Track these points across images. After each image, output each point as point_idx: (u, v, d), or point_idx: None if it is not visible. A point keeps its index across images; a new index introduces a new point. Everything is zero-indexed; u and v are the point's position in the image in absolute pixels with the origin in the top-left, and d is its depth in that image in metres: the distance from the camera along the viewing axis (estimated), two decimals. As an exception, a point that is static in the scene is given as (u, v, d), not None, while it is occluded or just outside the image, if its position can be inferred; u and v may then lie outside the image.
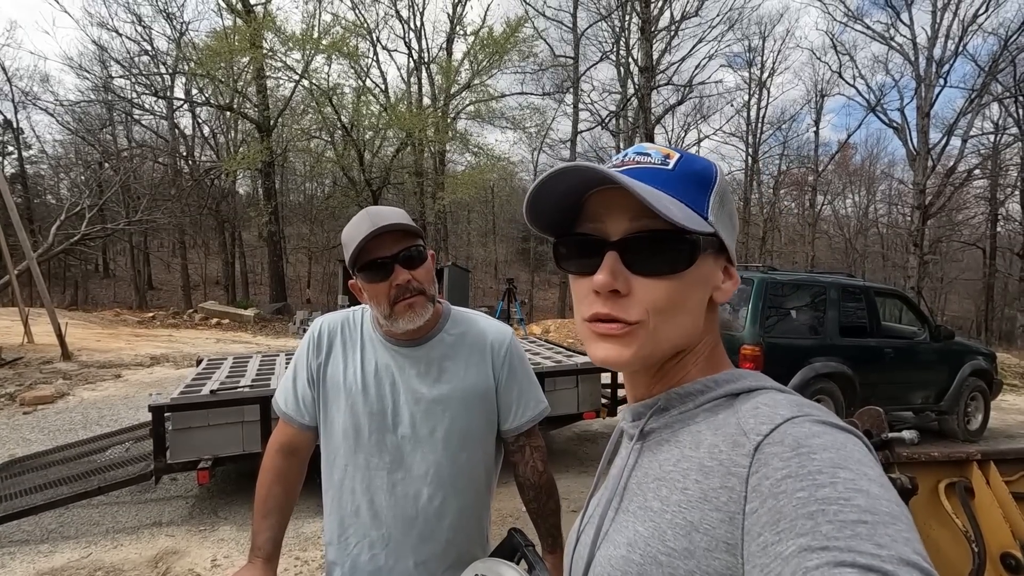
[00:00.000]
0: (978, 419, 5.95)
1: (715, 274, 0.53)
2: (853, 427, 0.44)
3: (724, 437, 0.46)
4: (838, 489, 0.36)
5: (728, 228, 0.53)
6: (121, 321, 14.76)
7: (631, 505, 0.51)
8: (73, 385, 6.96)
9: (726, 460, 0.44)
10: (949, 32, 16.64)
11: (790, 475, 0.38)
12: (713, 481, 0.44)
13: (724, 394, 0.51)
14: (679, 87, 19.24)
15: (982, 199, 23.08)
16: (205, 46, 16.68)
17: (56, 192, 26.29)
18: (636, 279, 0.49)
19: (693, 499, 0.44)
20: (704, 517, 0.43)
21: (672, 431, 0.52)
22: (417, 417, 1.16)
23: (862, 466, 0.39)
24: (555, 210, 0.53)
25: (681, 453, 0.49)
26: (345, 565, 1.18)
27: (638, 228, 0.49)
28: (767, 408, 0.45)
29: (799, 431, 0.42)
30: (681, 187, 0.50)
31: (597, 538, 0.53)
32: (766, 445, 0.42)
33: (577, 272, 0.53)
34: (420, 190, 20.01)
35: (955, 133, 17.50)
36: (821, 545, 0.34)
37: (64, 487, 3.34)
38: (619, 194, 0.49)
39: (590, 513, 0.60)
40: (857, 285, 5.43)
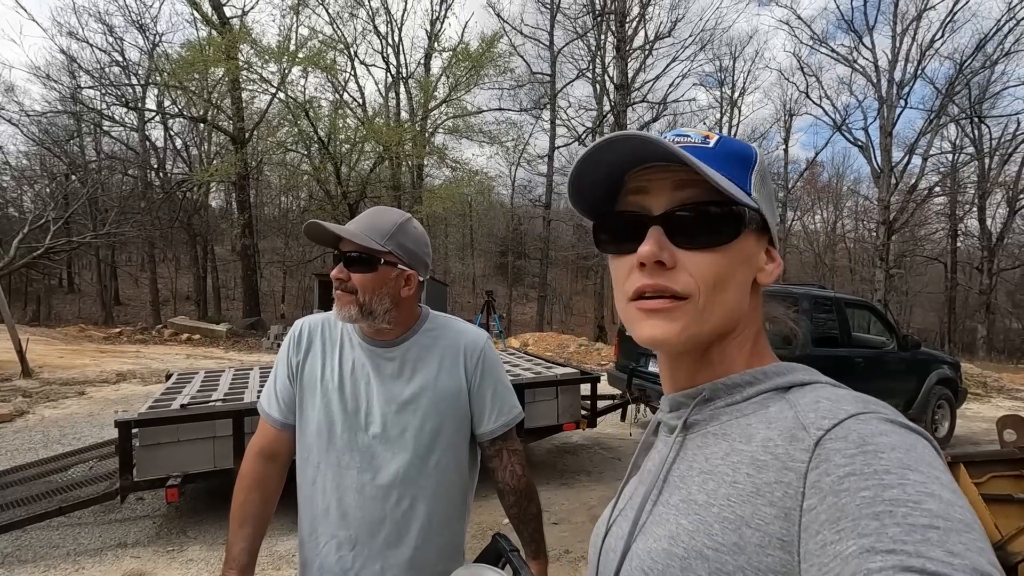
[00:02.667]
0: (945, 426, 6.11)
1: (758, 254, 0.52)
2: (923, 429, 0.42)
3: (780, 431, 0.44)
4: (907, 491, 0.34)
5: (770, 208, 0.52)
6: (86, 337, 14.27)
7: (672, 498, 0.49)
8: (33, 403, 6.67)
9: (782, 454, 0.42)
10: (908, 56, 17.44)
11: (854, 472, 0.37)
12: (767, 475, 0.42)
13: (775, 387, 0.49)
14: (653, 104, 19.68)
15: (943, 215, 24.02)
16: (179, 57, 16.46)
17: (19, 205, 25.43)
18: (681, 252, 0.48)
19: (744, 493, 0.43)
20: (756, 512, 0.41)
21: (719, 423, 0.50)
22: (388, 417, 1.15)
23: (933, 469, 0.37)
24: (597, 190, 0.52)
25: (731, 446, 0.47)
26: (315, 564, 1.16)
27: (682, 200, 0.49)
28: (829, 402, 0.44)
29: (865, 428, 0.40)
30: (723, 163, 0.50)
31: (634, 530, 0.51)
32: (828, 440, 0.40)
33: (618, 252, 0.52)
34: (398, 204, 19.94)
35: (916, 152, 18.26)
36: (887, 548, 0.32)
37: (21, 508, 3.18)
38: (661, 171, 0.49)
39: (622, 505, 0.58)
40: (829, 296, 5.57)
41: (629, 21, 16.43)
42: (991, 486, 2.13)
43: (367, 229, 1.14)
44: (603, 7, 17.26)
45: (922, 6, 16.96)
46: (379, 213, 1.19)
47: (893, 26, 17.61)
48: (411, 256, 1.18)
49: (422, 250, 1.21)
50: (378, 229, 1.15)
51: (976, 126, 20.38)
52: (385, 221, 1.17)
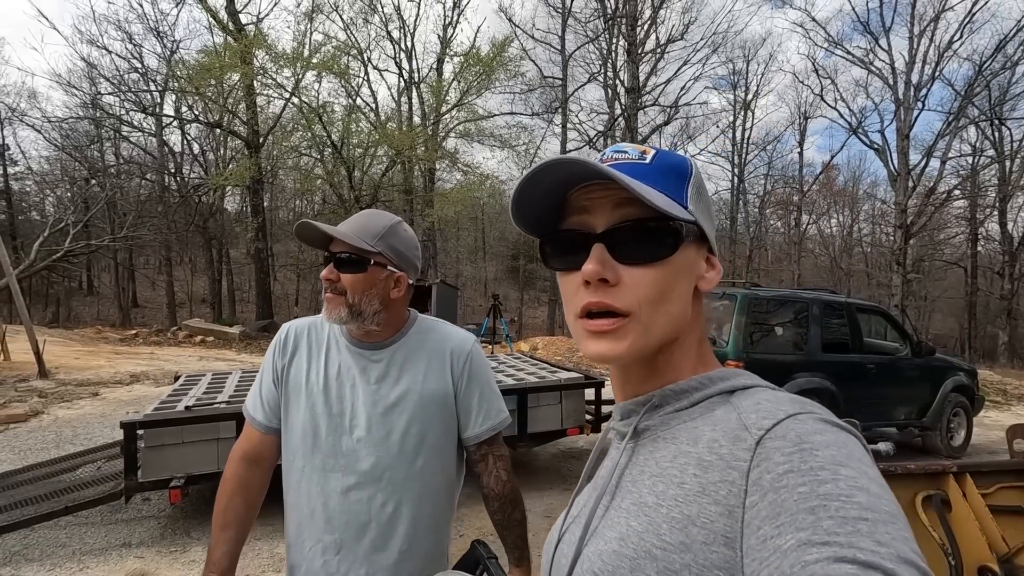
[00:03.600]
0: (961, 435, 5.98)
1: (698, 263, 0.54)
2: (853, 428, 0.44)
3: (724, 432, 0.45)
4: (840, 486, 0.36)
5: (707, 218, 0.54)
6: (102, 339, 14.51)
7: (624, 502, 0.50)
8: (48, 403, 6.79)
9: (726, 454, 0.44)
10: (926, 57, 17.17)
11: (792, 470, 0.38)
12: (712, 475, 0.43)
13: (720, 391, 0.51)
14: (665, 108, 19.58)
15: (962, 219, 23.56)
16: (196, 63, 16.72)
17: (41, 209, 25.99)
18: (624, 268, 0.50)
19: (691, 493, 0.44)
20: (702, 511, 0.42)
21: (668, 428, 0.52)
22: (373, 420, 1.15)
23: (863, 465, 0.39)
24: (539, 209, 0.54)
25: (678, 449, 0.48)
26: (301, 568, 1.16)
27: (622, 217, 0.50)
28: (769, 404, 0.45)
29: (802, 427, 0.42)
30: (660, 179, 0.52)
31: (585, 535, 0.52)
32: (768, 440, 0.42)
33: (564, 268, 0.53)
34: (409, 207, 20.05)
35: (934, 155, 17.94)
36: (822, 540, 0.34)
37: (30, 507, 3.23)
38: (601, 189, 0.51)
39: (575, 512, 0.59)
40: (839, 301, 5.48)
41: (641, 25, 16.39)
42: (999, 497, 2.08)
43: (358, 230, 1.14)
44: (614, 11, 17.24)
45: (940, 7, 16.71)
46: (370, 215, 1.19)
47: (910, 27, 17.35)
48: (401, 258, 1.19)
49: (412, 253, 1.22)
50: (369, 230, 1.15)
51: (996, 128, 19.97)
52: (376, 223, 1.17)
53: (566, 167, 0.49)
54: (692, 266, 0.53)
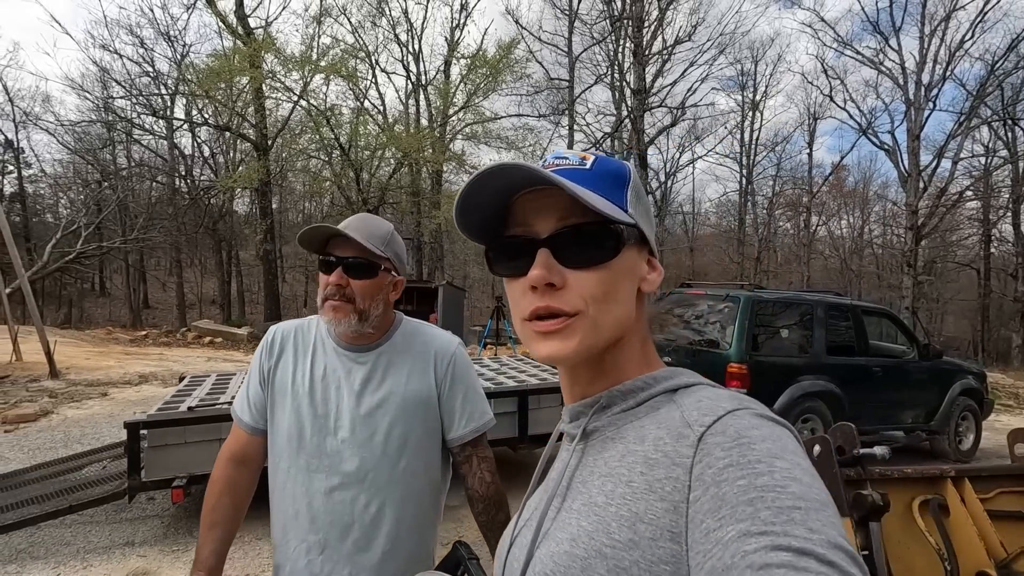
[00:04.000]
0: (970, 439, 5.90)
1: (640, 265, 0.55)
2: (787, 421, 0.46)
3: (668, 430, 0.47)
4: (775, 477, 0.38)
5: (647, 221, 0.55)
6: (113, 339, 14.68)
7: (574, 503, 0.51)
8: (58, 403, 6.88)
9: (671, 451, 0.45)
10: (937, 57, 16.98)
11: (731, 464, 0.40)
12: (658, 472, 0.44)
13: (664, 390, 0.52)
14: (672, 109, 19.50)
15: (975, 220, 23.25)
16: (205, 67, 16.90)
17: (55, 211, 26.39)
18: (569, 272, 0.50)
19: (638, 491, 0.45)
20: (649, 507, 0.43)
21: (616, 428, 0.52)
22: (357, 422, 1.16)
23: (796, 456, 0.41)
24: (484, 217, 0.54)
25: (626, 448, 0.49)
26: (286, 568, 1.17)
27: (565, 223, 0.51)
28: (709, 401, 0.47)
29: (740, 423, 0.43)
30: (600, 183, 0.53)
31: (537, 537, 0.52)
32: (709, 436, 0.43)
33: (511, 274, 0.54)
34: (417, 209, 20.11)
35: (946, 155, 17.73)
36: (760, 530, 0.36)
37: (36, 506, 3.28)
38: (544, 195, 0.51)
39: (527, 516, 0.60)
40: (844, 304, 5.43)
41: (647, 26, 16.36)
42: (998, 502, 2.05)
43: (367, 235, 1.14)
44: (621, 12, 17.22)
45: (951, 6, 16.52)
46: (370, 219, 1.20)
47: (921, 27, 17.18)
48: (401, 263, 1.22)
49: (405, 258, 1.26)
50: (376, 235, 1.16)
51: (1010, 128, 19.68)
52: (380, 228, 1.18)
53: (508, 173, 0.49)
54: (634, 268, 0.54)
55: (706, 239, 32.41)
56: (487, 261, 0.56)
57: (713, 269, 28.76)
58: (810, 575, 0.33)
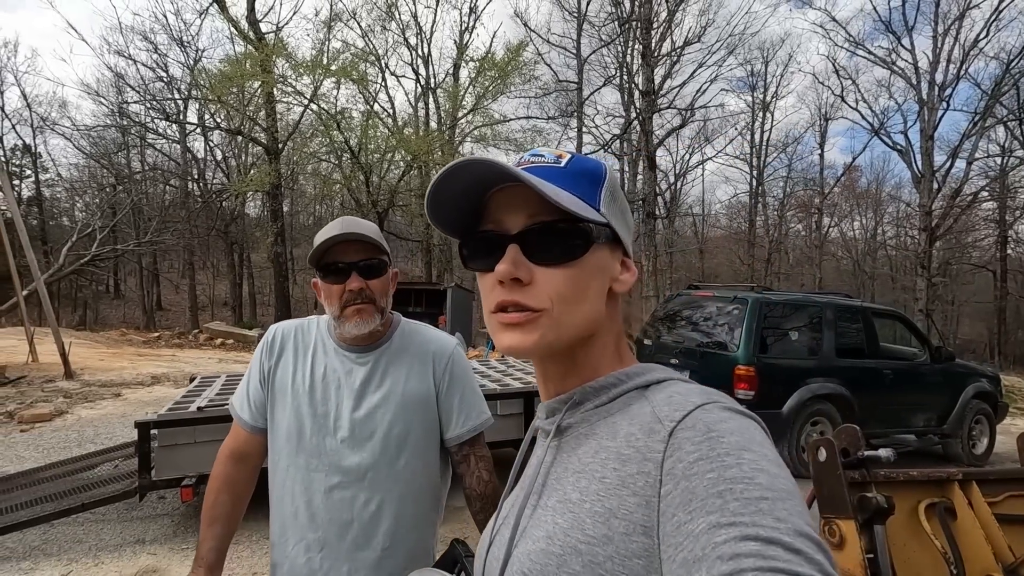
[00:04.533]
0: (984, 443, 5.81)
1: (612, 265, 0.55)
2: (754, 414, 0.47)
3: (640, 426, 0.47)
4: (743, 469, 0.39)
5: (621, 221, 0.56)
6: (126, 341, 14.88)
7: (550, 500, 0.51)
8: (72, 403, 6.99)
9: (642, 447, 0.45)
10: (950, 56, 16.76)
11: (701, 457, 0.41)
12: (630, 468, 0.45)
13: (636, 386, 0.53)
14: (681, 111, 19.42)
15: (991, 221, 22.90)
16: (218, 72, 17.11)
17: (71, 214, 26.84)
18: (537, 269, 0.51)
19: (611, 486, 0.45)
20: (622, 503, 0.44)
21: (589, 424, 0.53)
22: (356, 421, 1.17)
23: (763, 448, 0.42)
24: (458, 211, 0.54)
25: (599, 444, 0.50)
26: (284, 566, 1.18)
27: (534, 219, 0.51)
28: (680, 396, 0.48)
29: (709, 417, 0.44)
30: (573, 182, 0.53)
31: (514, 536, 0.53)
32: (679, 430, 0.44)
33: (482, 269, 0.54)
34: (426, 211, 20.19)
35: (960, 155, 17.48)
36: (729, 521, 0.36)
37: (50, 503, 3.33)
38: (517, 192, 0.52)
39: (504, 514, 0.60)
40: (854, 306, 5.39)
41: (656, 28, 16.31)
42: (1006, 506, 2.02)
43: (371, 232, 1.16)
44: (629, 14, 17.19)
45: (965, 5, 16.31)
46: (358, 220, 1.20)
47: (934, 26, 16.97)
48: (390, 257, 1.23)
49: None
50: (374, 232, 1.17)
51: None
52: (371, 226, 1.19)
53: (478, 167, 0.50)
54: (605, 267, 0.54)
55: (716, 241, 32.21)
56: (461, 255, 0.57)
57: (724, 271, 28.57)
58: (777, 563, 0.34)
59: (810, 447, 1.75)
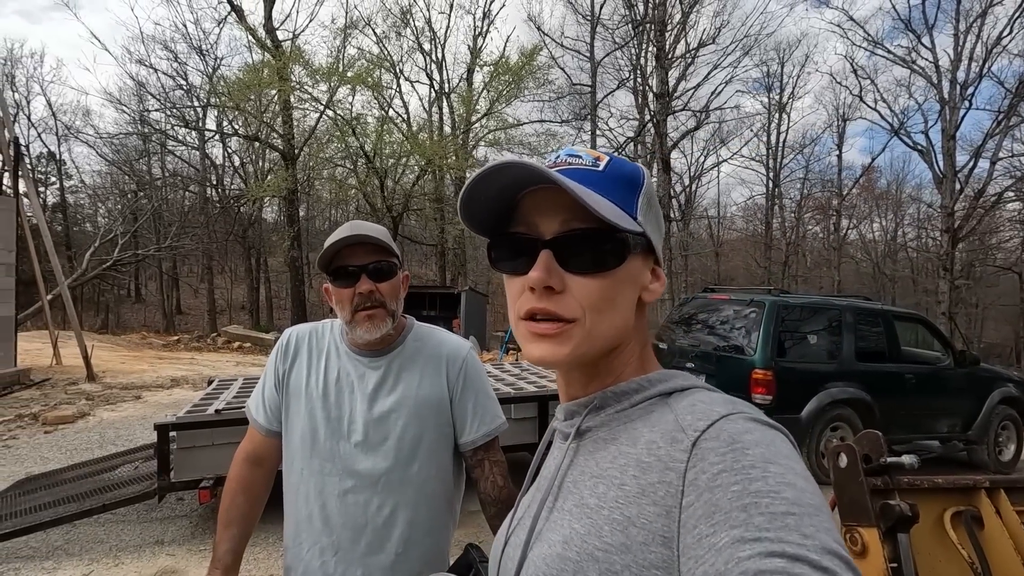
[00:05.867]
0: (1011, 449, 5.67)
1: (644, 274, 0.54)
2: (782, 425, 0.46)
3: (662, 434, 0.46)
4: (769, 483, 0.38)
5: (655, 230, 0.54)
6: (147, 344, 15.14)
7: (566, 504, 0.51)
8: (94, 406, 7.13)
9: (664, 456, 0.44)
10: (973, 55, 16.44)
11: (725, 469, 0.40)
12: (651, 476, 0.44)
13: (658, 393, 0.51)
14: (696, 112, 19.30)
15: (1016, 222, 22.37)
16: (236, 80, 17.38)
17: (94, 220, 27.43)
18: (570, 277, 0.49)
19: (631, 494, 0.45)
20: (641, 512, 0.43)
21: (609, 429, 0.52)
22: (370, 425, 1.17)
23: (790, 461, 0.41)
24: (489, 211, 0.53)
25: (618, 450, 0.49)
26: (298, 570, 1.18)
27: (571, 227, 0.50)
28: (704, 405, 0.47)
29: (734, 427, 0.43)
30: (611, 187, 0.51)
31: (530, 538, 0.52)
32: (703, 441, 0.43)
33: (511, 272, 0.53)
34: (440, 216, 20.29)
35: (983, 155, 17.12)
36: (753, 536, 0.35)
37: (72, 504, 3.39)
38: (551, 194, 0.50)
39: (520, 515, 0.59)
40: (874, 309, 5.29)
41: (670, 30, 16.25)
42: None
43: (380, 235, 1.16)
44: (643, 17, 17.15)
45: (987, 2, 16.00)
46: (367, 224, 1.19)
47: (955, 24, 16.66)
48: (401, 259, 1.23)
49: None
50: (385, 235, 1.17)
51: (1052, 126, 18.92)
52: (380, 229, 1.19)
53: (515, 170, 0.48)
54: (637, 277, 0.53)
55: (732, 243, 31.87)
56: (488, 256, 0.56)
57: (740, 274, 28.26)
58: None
59: (830, 453, 1.71)
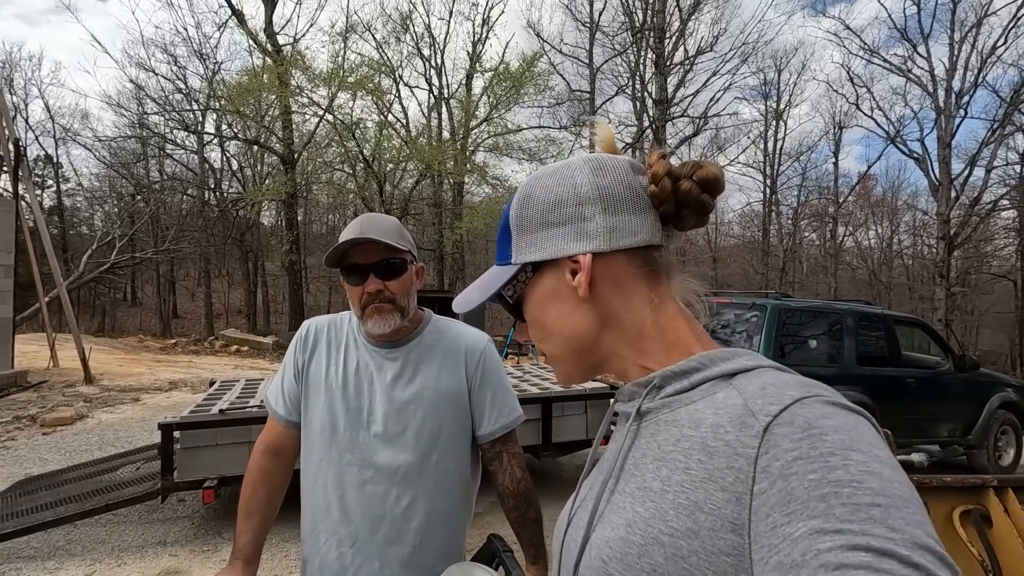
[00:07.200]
0: (1010, 454, 5.69)
1: (558, 282, 0.57)
2: (863, 409, 0.43)
3: (730, 418, 0.45)
4: (851, 471, 0.36)
5: (539, 242, 0.57)
6: (144, 347, 15.06)
7: (628, 486, 0.50)
8: (93, 408, 7.09)
9: (733, 440, 0.43)
10: (968, 64, 16.61)
11: (801, 456, 0.38)
12: (719, 461, 0.43)
13: (722, 373, 0.50)
14: (694, 119, 19.40)
15: (1011, 230, 22.53)
16: (236, 84, 17.41)
17: (90, 223, 27.35)
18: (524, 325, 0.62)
19: (697, 479, 0.44)
20: (709, 497, 0.42)
21: (670, 410, 0.51)
22: (390, 417, 1.17)
23: (873, 448, 0.38)
24: None
25: (680, 432, 0.48)
26: (315, 561, 1.18)
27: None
28: (774, 388, 0.45)
29: (809, 412, 0.41)
30: (501, 248, 0.61)
31: (592, 520, 0.52)
32: (776, 426, 0.41)
33: None
34: (438, 220, 20.31)
35: (978, 163, 17.25)
36: (834, 528, 0.34)
37: (74, 504, 3.37)
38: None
39: (582, 496, 0.60)
40: (875, 313, 5.31)
41: (669, 37, 16.36)
42: (1044, 513, 1.97)
43: (386, 233, 1.15)
44: (642, 24, 17.27)
45: (982, 12, 16.18)
46: (379, 218, 1.19)
47: (951, 34, 16.83)
48: (415, 250, 1.23)
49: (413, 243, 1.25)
50: (393, 231, 1.16)
51: (1046, 136, 19.09)
52: (390, 223, 1.18)
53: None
54: (551, 292, 0.57)
55: (729, 250, 31.97)
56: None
57: (737, 280, 28.33)
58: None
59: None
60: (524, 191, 0.59)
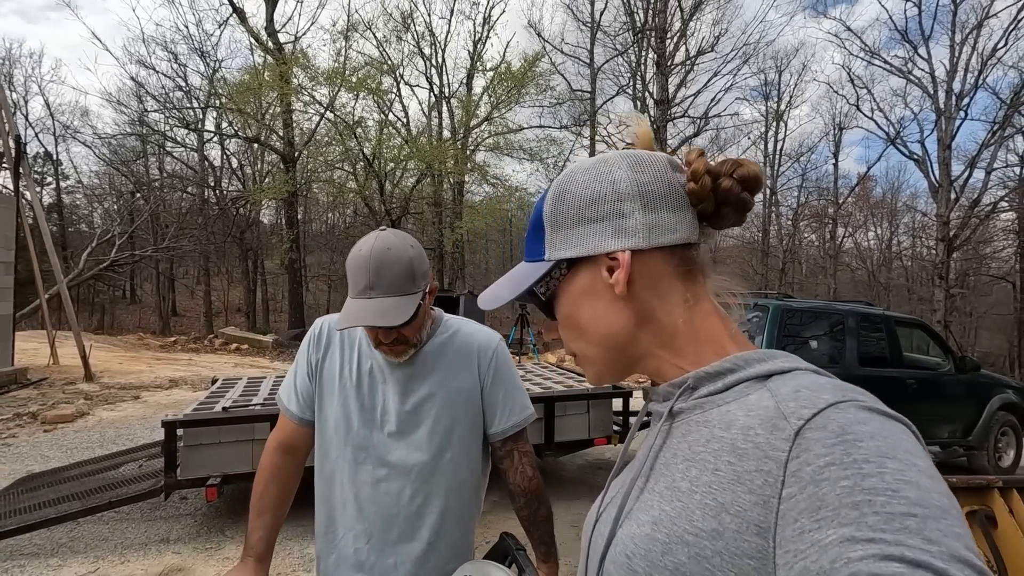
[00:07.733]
0: (1010, 455, 5.71)
1: (594, 279, 0.56)
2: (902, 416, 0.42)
3: (761, 420, 0.44)
4: (886, 480, 0.35)
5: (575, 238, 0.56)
6: (144, 345, 15.05)
7: (657, 485, 0.50)
8: (93, 405, 7.08)
9: (763, 443, 0.42)
10: (968, 66, 16.63)
11: (833, 463, 0.37)
12: (748, 464, 0.43)
13: (756, 375, 0.49)
14: (695, 119, 19.40)
15: (1010, 232, 22.57)
16: (238, 82, 17.38)
17: (90, 221, 27.30)
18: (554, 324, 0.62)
19: (725, 480, 0.44)
20: (736, 499, 0.42)
21: (703, 411, 0.51)
22: (403, 416, 1.18)
23: (911, 456, 0.37)
24: None
25: (711, 433, 0.48)
26: (331, 557, 1.19)
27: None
28: (809, 391, 0.44)
29: (844, 417, 0.40)
30: (530, 245, 0.60)
31: (620, 516, 0.52)
32: (808, 430, 0.40)
33: None
34: (439, 220, 20.30)
35: (978, 165, 17.27)
36: (867, 537, 0.33)
37: (76, 502, 3.37)
38: None
39: (612, 493, 0.60)
40: (876, 314, 5.32)
41: (670, 37, 16.36)
42: (1048, 514, 1.98)
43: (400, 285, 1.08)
44: (643, 24, 17.27)
45: (983, 14, 16.19)
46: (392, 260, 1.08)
47: (951, 36, 16.85)
48: (427, 275, 1.16)
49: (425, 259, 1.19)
50: (404, 277, 1.09)
51: (1046, 138, 19.12)
52: (401, 267, 1.09)
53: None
54: (587, 289, 0.57)
55: (728, 250, 32.00)
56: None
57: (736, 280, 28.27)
58: None
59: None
60: (559, 186, 0.58)
